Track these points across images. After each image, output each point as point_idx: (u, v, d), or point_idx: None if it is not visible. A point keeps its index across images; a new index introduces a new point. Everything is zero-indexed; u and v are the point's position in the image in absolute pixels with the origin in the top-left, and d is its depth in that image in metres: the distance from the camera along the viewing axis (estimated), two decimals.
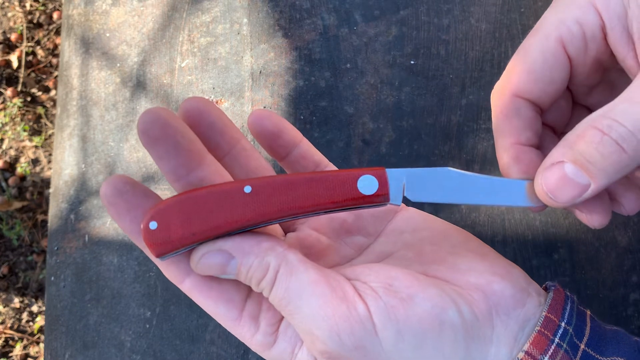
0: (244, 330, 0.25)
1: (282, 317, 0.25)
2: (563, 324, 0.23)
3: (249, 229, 0.23)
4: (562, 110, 0.26)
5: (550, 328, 0.22)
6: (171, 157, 0.23)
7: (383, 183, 0.23)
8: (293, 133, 0.27)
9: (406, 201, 0.25)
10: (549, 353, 0.21)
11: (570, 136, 0.22)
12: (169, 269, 0.25)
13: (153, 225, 0.22)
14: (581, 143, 0.21)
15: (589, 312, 0.25)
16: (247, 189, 0.22)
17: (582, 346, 0.22)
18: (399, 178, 0.24)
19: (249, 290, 0.25)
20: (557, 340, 0.22)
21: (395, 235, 0.28)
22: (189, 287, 0.25)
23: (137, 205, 0.23)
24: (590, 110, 0.27)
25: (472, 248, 0.26)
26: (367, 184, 0.23)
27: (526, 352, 0.22)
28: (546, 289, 0.26)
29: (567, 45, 0.24)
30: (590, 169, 0.21)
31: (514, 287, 0.23)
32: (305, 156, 0.28)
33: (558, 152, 0.22)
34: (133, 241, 0.24)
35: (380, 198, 0.23)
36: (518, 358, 0.22)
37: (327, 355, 0.22)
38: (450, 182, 0.24)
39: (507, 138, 0.25)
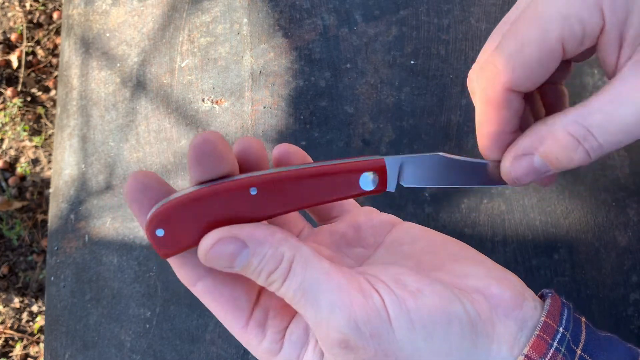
0: (251, 337, 0.25)
1: (288, 324, 0.25)
2: (561, 329, 0.23)
3: None
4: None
5: (549, 332, 0.23)
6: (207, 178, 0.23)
7: (382, 178, 0.25)
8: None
9: (397, 191, 0.26)
10: (548, 357, 0.22)
11: (542, 130, 0.24)
12: (181, 271, 0.24)
13: (160, 232, 0.22)
14: (555, 145, 0.23)
15: (583, 319, 0.25)
16: (253, 190, 0.22)
17: (579, 352, 0.23)
18: (394, 166, 0.25)
19: (257, 298, 0.25)
20: (555, 344, 0.22)
21: (394, 247, 0.28)
22: (200, 290, 0.24)
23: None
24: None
25: (469, 256, 0.27)
26: (367, 180, 0.24)
27: (526, 356, 0.22)
28: (541, 297, 0.26)
29: (566, 44, 0.23)
30: (555, 165, 0.24)
31: (511, 290, 0.24)
32: None
33: (529, 142, 0.24)
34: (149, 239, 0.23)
35: (378, 191, 0.25)
36: None
37: (344, 344, 0.22)
38: (439, 167, 0.25)
39: (494, 127, 0.26)
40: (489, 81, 0.25)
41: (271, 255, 0.22)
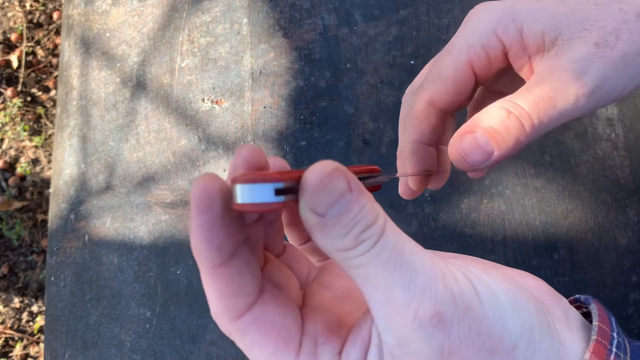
0: None
1: (342, 348, 0.23)
2: (615, 335, 0.23)
3: None
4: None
5: (606, 338, 0.22)
6: None
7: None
8: None
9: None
10: None
11: (480, 114, 0.28)
12: (228, 300, 0.21)
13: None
14: (491, 118, 0.27)
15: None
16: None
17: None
18: None
19: (303, 326, 0.23)
20: (614, 349, 0.22)
21: None
22: (248, 321, 0.21)
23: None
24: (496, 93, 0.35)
25: (490, 264, 0.26)
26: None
27: None
28: (573, 302, 0.26)
29: (475, 66, 0.30)
30: (496, 138, 0.27)
31: (545, 285, 0.24)
32: None
33: (469, 123, 0.28)
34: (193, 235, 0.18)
35: (375, 169, 0.28)
36: None
37: (438, 318, 0.20)
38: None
39: (413, 135, 0.32)
40: (417, 98, 0.32)
41: (370, 208, 0.20)
